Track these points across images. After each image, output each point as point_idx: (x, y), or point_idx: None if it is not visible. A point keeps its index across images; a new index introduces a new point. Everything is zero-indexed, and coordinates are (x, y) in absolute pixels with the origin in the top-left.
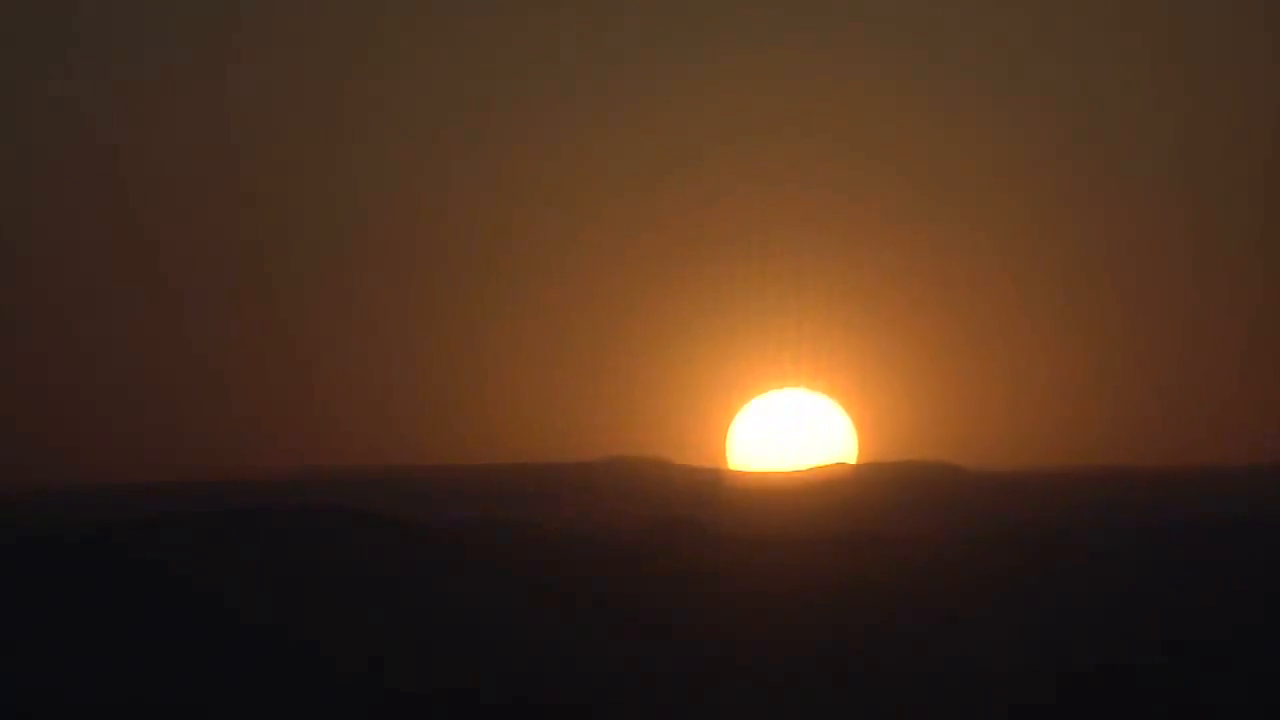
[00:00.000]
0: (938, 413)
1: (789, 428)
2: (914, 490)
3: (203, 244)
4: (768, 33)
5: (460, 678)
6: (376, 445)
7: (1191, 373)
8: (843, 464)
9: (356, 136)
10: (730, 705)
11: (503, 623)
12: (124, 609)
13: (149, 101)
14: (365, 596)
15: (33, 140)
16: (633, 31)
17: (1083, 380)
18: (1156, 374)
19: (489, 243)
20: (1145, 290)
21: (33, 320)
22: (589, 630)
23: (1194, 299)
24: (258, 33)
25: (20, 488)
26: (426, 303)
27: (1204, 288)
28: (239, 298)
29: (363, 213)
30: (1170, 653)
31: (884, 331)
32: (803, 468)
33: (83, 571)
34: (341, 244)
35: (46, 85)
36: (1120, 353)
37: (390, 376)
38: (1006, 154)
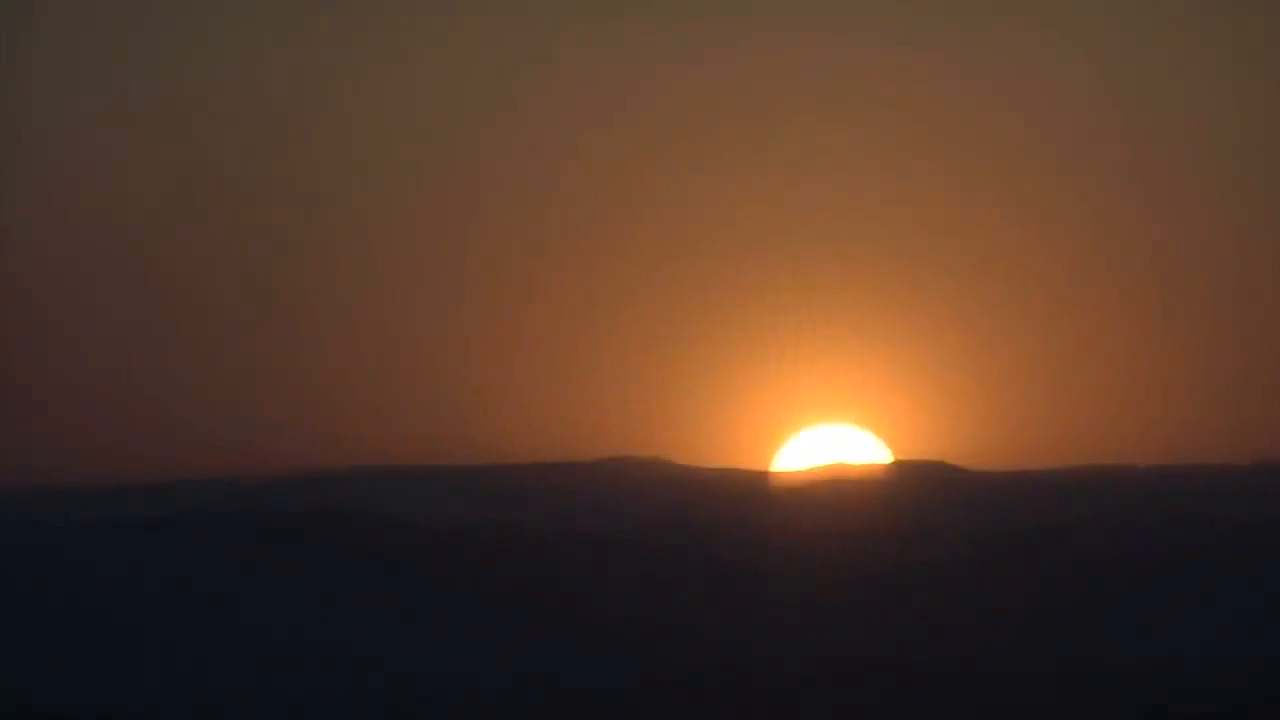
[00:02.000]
0: (938, 413)
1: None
2: (914, 490)
3: (202, 244)
4: (821, 54)
5: (460, 676)
6: (376, 445)
7: (1191, 373)
8: (844, 464)
9: (355, 134)
10: (730, 703)
11: (502, 622)
12: (124, 608)
13: (149, 101)
14: (364, 596)
15: (33, 140)
16: (678, 34)
17: (1082, 380)
18: (1156, 374)
19: (494, 245)
20: (1145, 291)
21: (33, 320)
22: (589, 629)
23: (1194, 299)
24: (257, 29)
25: (21, 487)
26: (431, 303)
27: (1203, 288)
28: (238, 298)
29: (364, 212)
30: (1169, 650)
31: (884, 333)
32: (803, 468)
33: (83, 570)
34: (342, 243)
35: (48, 86)
36: (1120, 353)
37: (395, 376)
38: (1005, 157)
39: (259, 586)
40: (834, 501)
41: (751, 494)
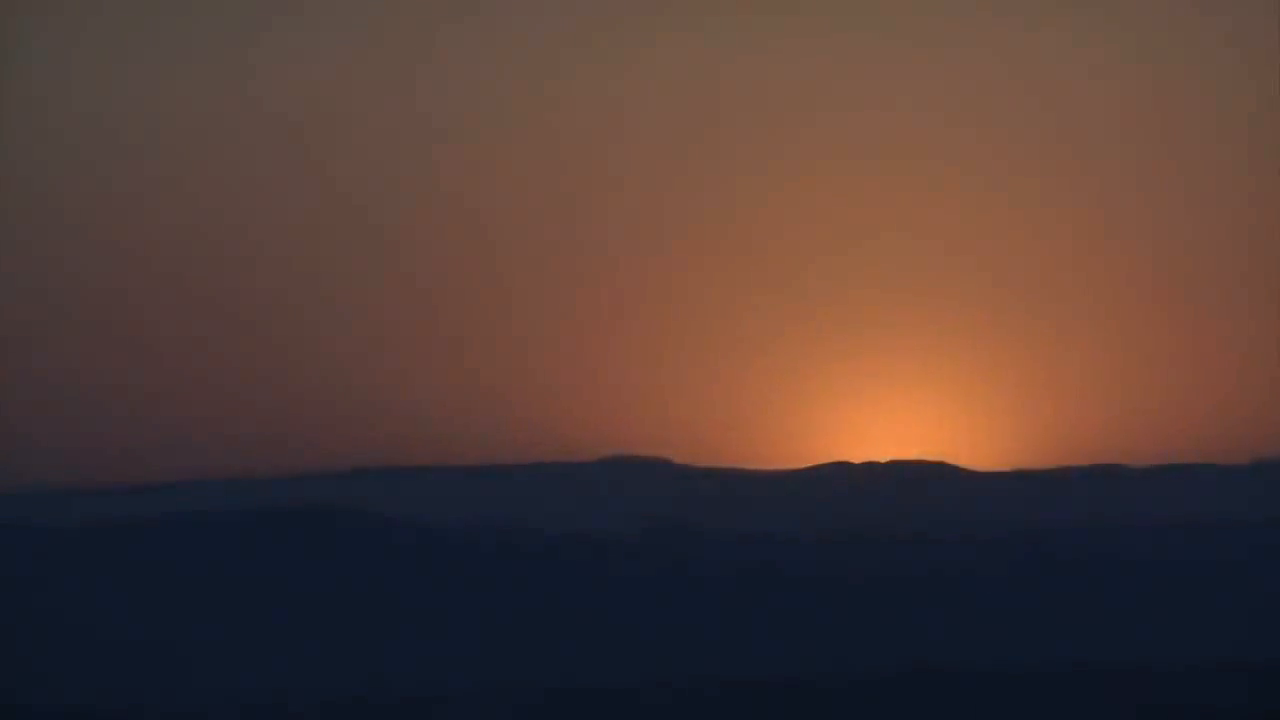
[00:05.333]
0: (938, 413)
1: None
2: (914, 490)
3: (204, 247)
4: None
5: (461, 677)
6: (376, 445)
7: (1191, 373)
8: (843, 463)
9: (363, 136)
10: (731, 704)
11: (502, 622)
12: (124, 608)
13: (160, 100)
14: (364, 596)
15: (37, 140)
16: (714, 40)
17: (1082, 380)
18: (1156, 374)
19: (495, 247)
20: (1144, 292)
21: (34, 322)
22: (589, 629)
23: (1194, 299)
24: (274, 38)
25: (21, 487)
26: (432, 304)
27: (1203, 288)
28: (240, 299)
29: (364, 213)
30: (1169, 650)
31: (884, 334)
32: (804, 468)
33: (83, 569)
34: (343, 244)
35: (63, 85)
36: (1120, 353)
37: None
38: (1006, 159)
39: (259, 586)
40: (834, 500)
41: (751, 494)
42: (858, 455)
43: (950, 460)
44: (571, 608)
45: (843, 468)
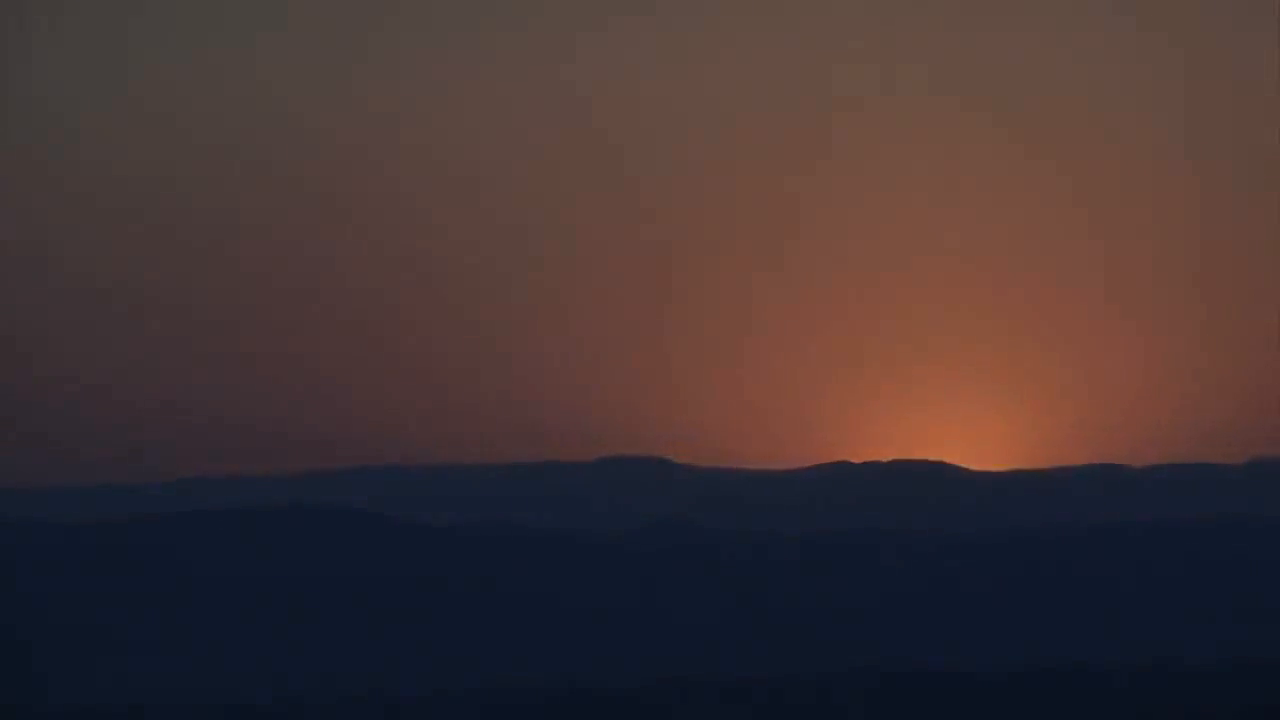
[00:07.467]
0: (938, 413)
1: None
2: (914, 490)
3: (205, 249)
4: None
5: (461, 677)
6: (378, 445)
7: (1191, 373)
8: (843, 463)
9: (368, 138)
10: (730, 703)
11: (502, 620)
12: (125, 607)
13: (161, 109)
14: (366, 596)
15: (37, 140)
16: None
17: (1082, 380)
18: (1156, 374)
19: (497, 247)
20: (1143, 293)
21: (34, 321)
22: (589, 628)
23: (1192, 300)
24: (274, 33)
25: (21, 487)
26: (433, 305)
27: (1202, 289)
28: (243, 300)
29: (363, 213)
30: (1169, 649)
31: (885, 334)
32: (804, 467)
33: (83, 569)
34: (348, 247)
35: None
36: (1119, 354)
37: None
38: (1006, 161)
39: (259, 586)
40: (834, 501)
41: (751, 494)
42: (858, 455)
43: (950, 460)
44: (571, 608)
45: (843, 468)
